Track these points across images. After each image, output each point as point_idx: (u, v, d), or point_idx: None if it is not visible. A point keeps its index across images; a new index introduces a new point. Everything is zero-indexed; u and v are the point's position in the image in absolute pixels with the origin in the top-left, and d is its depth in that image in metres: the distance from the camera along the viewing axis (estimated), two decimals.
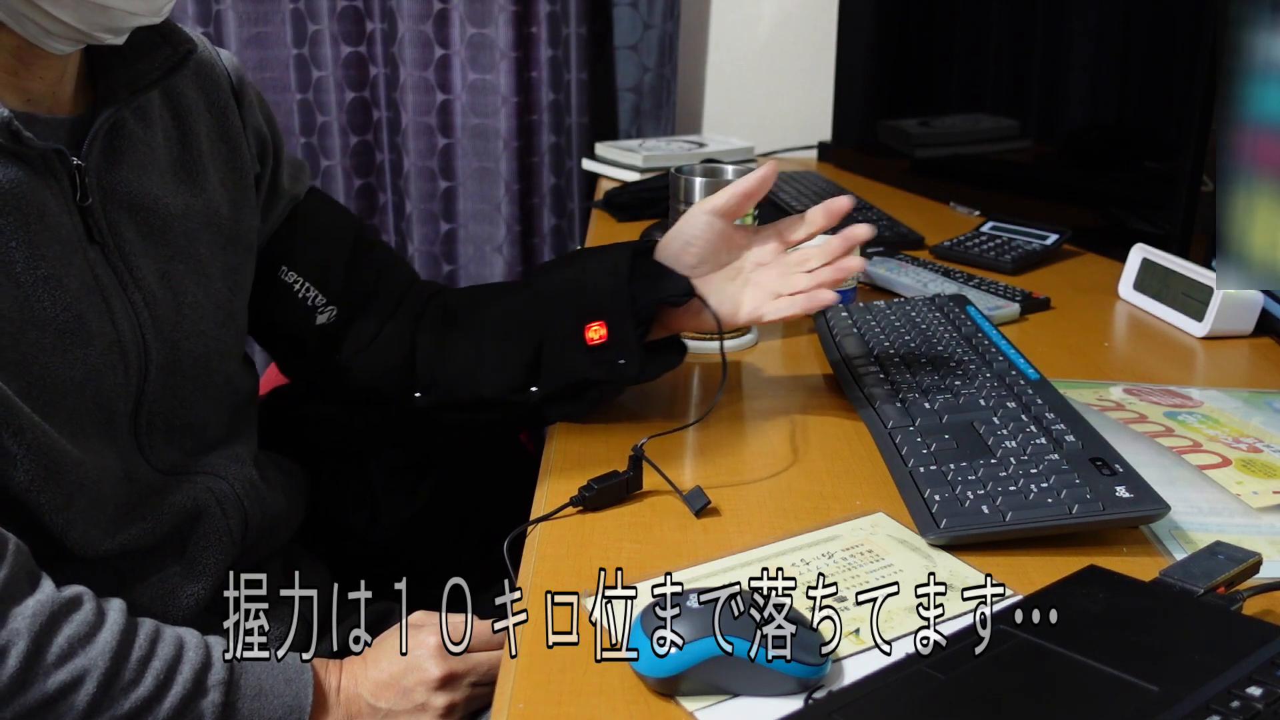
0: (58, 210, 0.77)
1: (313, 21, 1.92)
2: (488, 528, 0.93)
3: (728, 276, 0.98)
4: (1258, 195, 1.12)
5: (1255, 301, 1.21)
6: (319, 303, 1.01)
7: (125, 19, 0.77)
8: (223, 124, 0.94)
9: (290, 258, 1.00)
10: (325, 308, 1.01)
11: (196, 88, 0.92)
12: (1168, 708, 0.52)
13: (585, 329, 0.94)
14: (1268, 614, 0.70)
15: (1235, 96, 1.12)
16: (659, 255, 0.98)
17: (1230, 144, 1.13)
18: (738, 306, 0.97)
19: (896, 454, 0.87)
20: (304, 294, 1.00)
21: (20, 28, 0.74)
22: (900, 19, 1.97)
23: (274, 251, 1.00)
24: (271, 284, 1.00)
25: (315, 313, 1.01)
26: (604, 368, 0.94)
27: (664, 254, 0.97)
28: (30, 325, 0.75)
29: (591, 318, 0.94)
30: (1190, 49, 1.34)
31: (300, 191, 1.03)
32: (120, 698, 0.72)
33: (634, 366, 0.94)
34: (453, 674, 0.84)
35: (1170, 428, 0.95)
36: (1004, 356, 1.02)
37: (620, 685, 0.63)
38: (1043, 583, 0.68)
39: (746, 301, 0.97)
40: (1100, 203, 1.55)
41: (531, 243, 2.07)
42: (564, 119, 2.02)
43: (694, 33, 2.15)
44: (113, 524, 0.81)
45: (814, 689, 0.62)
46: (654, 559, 0.76)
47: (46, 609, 0.71)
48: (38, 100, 0.79)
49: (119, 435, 0.83)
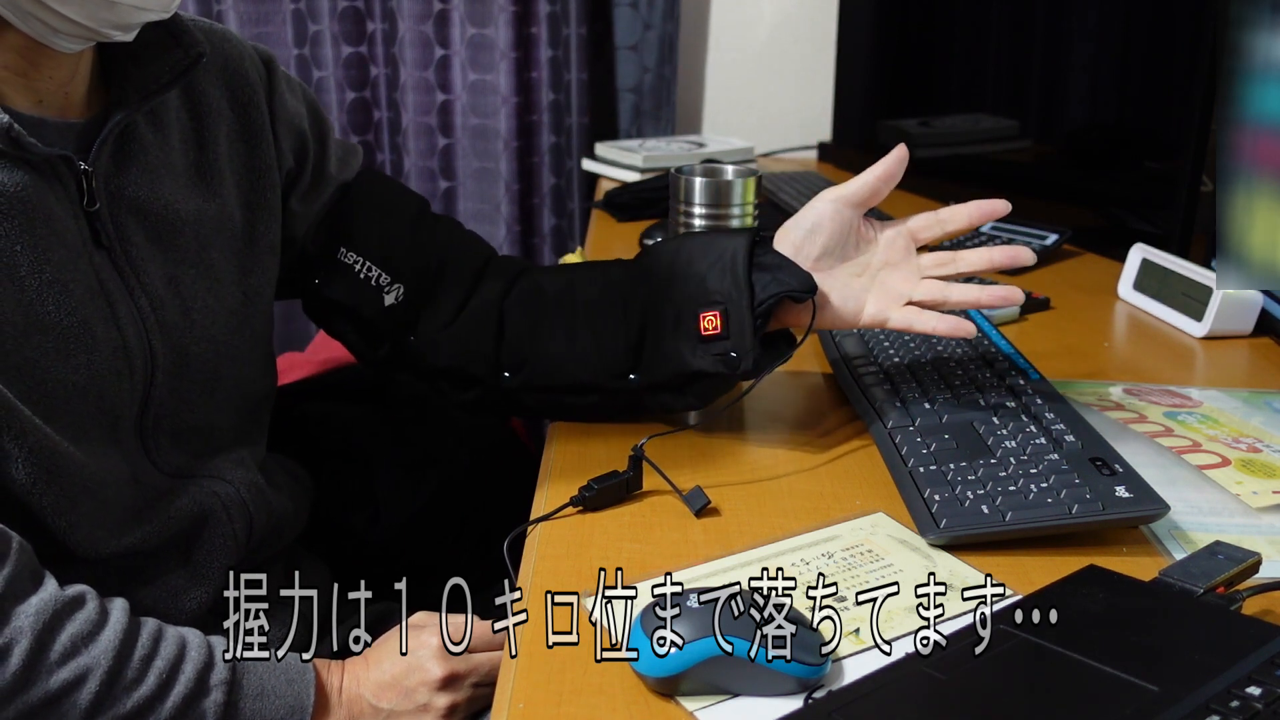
0: (63, 215, 0.77)
1: (313, 22, 1.92)
2: (488, 528, 0.93)
3: (853, 272, 0.91)
4: (1258, 195, 1.12)
5: (1255, 301, 1.21)
6: (384, 282, 0.97)
7: (133, 14, 0.76)
8: (245, 123, 0.92)
9: (348, 238, 0.97)
10: (391, 286, 0.97)
11: (220, 85, 0.91)
12: (1168, 708, 0.52)
13: (700, 318, 0.88)
14: (1268, 614, 0.70)
15: (1235, 96, 1.12)
16: (778, 244, 0.91)
17: (1230, 144, 1.13)
18: (861, 307, 0.91)
19: (896, 454, 0.87)
20: (366, 274, 0.96)
21: (27, 26, 0.73)
22: (900, 19, 1.97)
23: (329, 235, 0.97)
24: (332, 268, 0.97)
25: (381, 293, 0.97)
26: (716, 360, 0.88)
27: (784, 243, 0.91)
28: (34, 329, 0.75)
29: (707, 306, 0.88)
30: (1190, 49, 1.34)
31: (349, 175, 1.01)
32: (123, 696, 0.73)
33: (747, 361, 0.88)
34: (454, 674, 0.84)
35: (1170, 428, 0.95)
36: (1004, 356, 1.02)
37: (620, 685, 0.63)
38: (1043, 583, 0.68)
39: (871, 303, 0.91)
40: (1100, 203, 1.55)
41: (531, 243, 2.07)
42: (564, 119, 2.02)
43: (694, 33, 2.15)
44: (118, 526, 0.81)
45: (814, 689, 0.62)
46: (654, 559, 0.76)
47: (50, 607, 0.71)
48: (49, 102, 0.79)
49: (124, 439, 0.83)
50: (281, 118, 0.95)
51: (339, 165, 1.00)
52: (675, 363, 0.90)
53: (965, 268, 0.91)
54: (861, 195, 0.90)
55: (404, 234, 0.99)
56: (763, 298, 0.87)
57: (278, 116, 0.95)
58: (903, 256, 0.92)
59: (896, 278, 0.91)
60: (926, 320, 0.89)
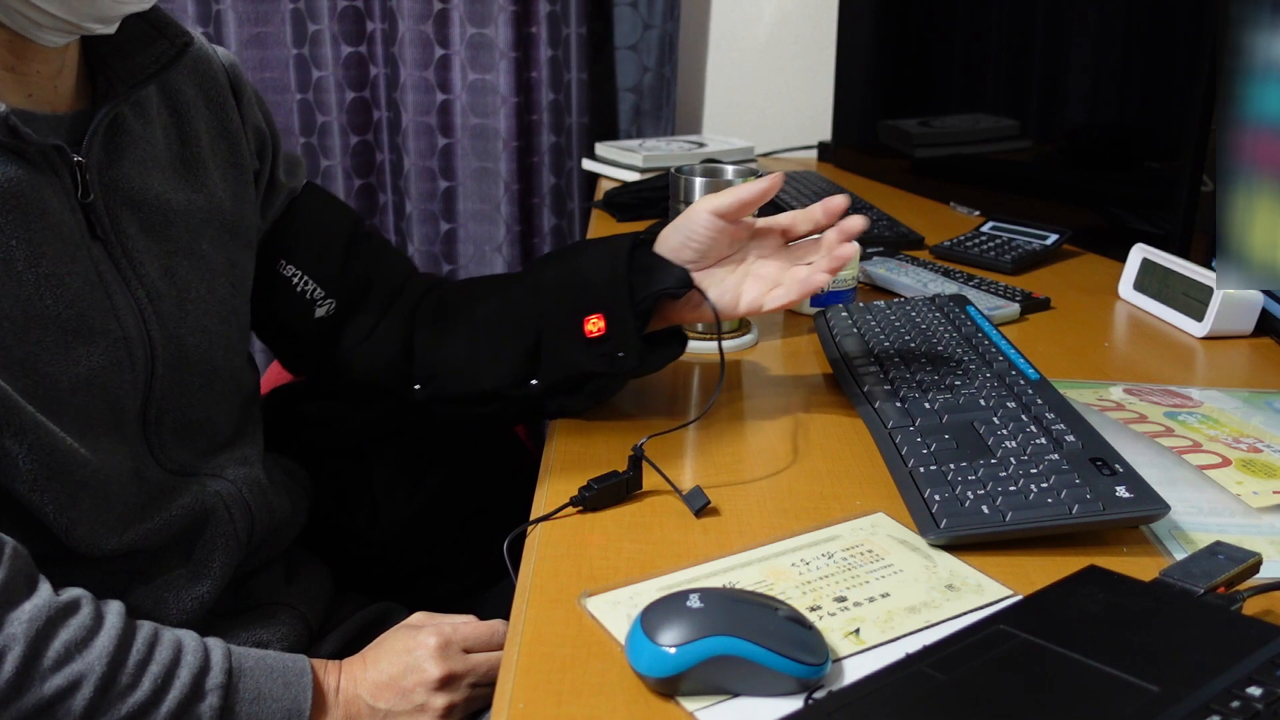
0: (59, 207, 0.77)
1: (313, 21, 1.92)
2: (488, 528, 0.93)
3: (728, 269, 0.97)
4: (1258, 195, 1.12)
5: (1255, 301, 1.21)
6: (317, 295, 1.01)
7: (114, 7, 0.77)
8: (222, 120, 0.94)
9: (289, 251, 1.01)
10: (324, 300, 1.01)
11: (194, 84, 0.92)
12: (1168, 708, 0.52)
13: (584, 321, 0.93)
14: (1268, 614, 0.70)
15: (1235, 96, 1.12)
16: (659, 247, 0.97)
17: (1230, 144, 1.13)
18: (737, 298, 0.96)
19: (896, 454, 0.87)
20: (302, 287, 1.00)
21: (9, 20, 0.74)
22: (900, 19, 1.97)
23: (273, 246, 1.00)
24: (271, 278, 1.00)
25: (314, 305, 1.01)
26: (603, 360, 0.94)
27: (663, 247, 0.97)
28: (33, 323, 0.75)
29: (590, 310, 0.93)
30: (1190, 49, 1.34)
31: (297, 186, 1.04)
32: (117, 702, 0.72)
33: (633, 359, 0.94)
34: (452, 674, 0.84)
35: (1170, 428, 0.95)
36: (1004, 356, 1.02)
37: (620, 685, 0.63)
38: (1043, 583, 0.68)
39: (746, 292, 0.96)
40: (1100, 203, 1.55)
41: (531, 243, 2.07)
42: (564, 119, 2.02)
43: (694, 33, 2.15)
44: (120, 523, 0.81)
45: (814, 689, 0.62)
46: (654, 559, 0.76)
47: (44, 613, 0.71)
48: (38, 96, 0.79)
49: (128, 433, 0.83)
50: (249, 120, 0.97)
51: (288, 174, 1.03)
52: (568, 366, 0.95)
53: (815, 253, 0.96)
54: (729, 210, 0.94)
55: (339, 251, 1.03)
56: (641, 297, 0.93)
57: (246, 118, 0.97)
58: (774, 251, 0.98)
59: (770, 268, 0.97)
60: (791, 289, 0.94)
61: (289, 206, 1.02)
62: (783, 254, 0.97)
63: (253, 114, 0.98)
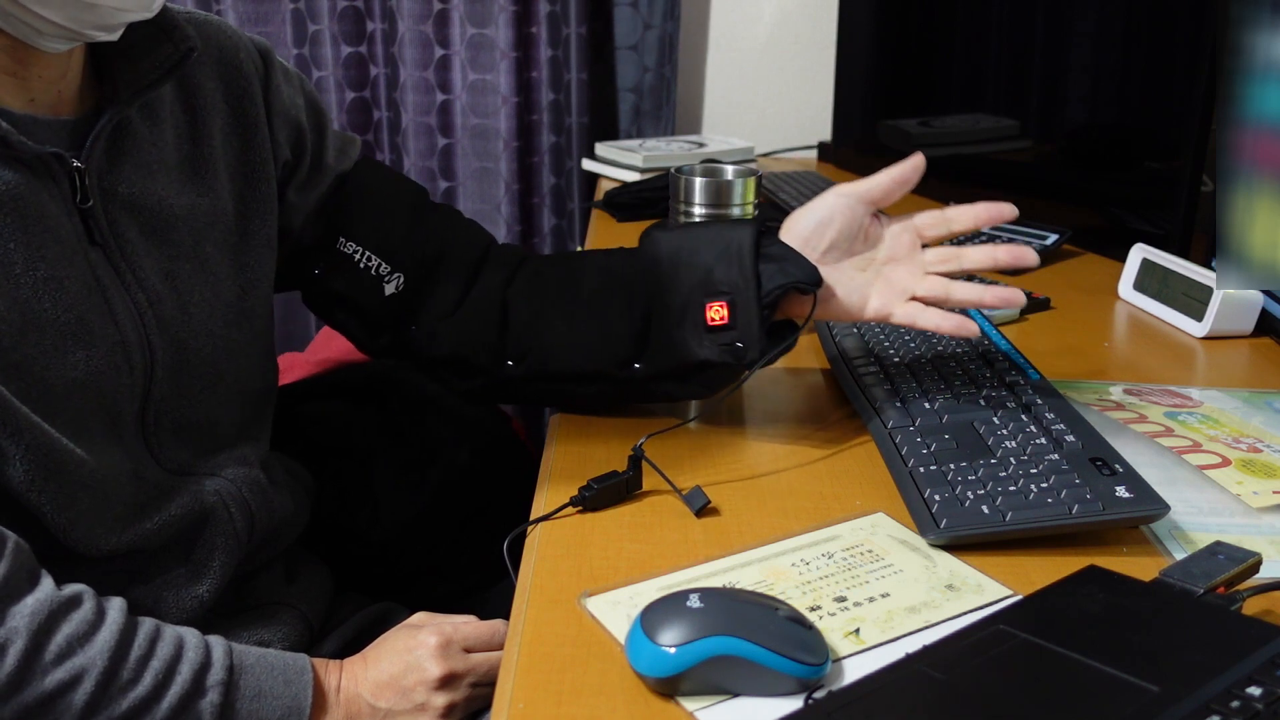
0: (57, 212, 0.77)
1: (313, 21, 1.92)
2: (488, 528, 0.93)
3: (857, 266, 0.92)
4: (1258, 195, 1.12)
5: (1255, 301, 1.21)
6: (383, 271, 0.97)
7: (114, 15, 0.76)
8: (239, 116, 0.92)
9: (347, 228, 0.97)
10: (391, 276, 0.97)
11: (216, 78, 0.91)
12: (1168, 708, 0.52)
13: (706, 308, 0.88)
14: (1268, 614, 0.70)
15: (1235, 96, 1.12)
16: (784, 235, 0.91)
17: (1230, 144, 1.13)
18: (865, 301, 0.91)
19: (896, 454, 0.87)
20: (365, 263, 0.97)
21: (10, 27, 0.74)
22: (900, 19, 1.97)
23: (328, 225, 0.98)
24: (332, 260, 0.97)
25: (381, 282, 0.97)
26: (723, 350, 0.89)
27: (791, 235, 0.91)
28: (30, 327, 0.75)
29: (713, 296, 0.88)
30: (1190, 49, 1.34)
31: (347, 165, 1.00)
32: (118, 697, 0.72)
33: (754, 351, 0.88)
34: (452, 674, 0.84)
35: (1170, 428, 0.95)
36: (1004, 356, 1.02)
37: (620, 685, 0.63)
38: (1043, 583, 0.68)
39: (875, 297, 0.91)
40: (1100, 203, 1.55)
41: (531, 243, 2.07)
42: (564, 119, 2.02)
43: (694, 33, 2.15)
44: (118, 523, 0.81)
45: (814, 689, 0.62)
46: (654, 559, 0.76)
47: (46, 607, 0.71)
48: (41, 100, 0.79)
49: (126, 435, 0.83)
50: (277, 109, 0.95)
51: (337, 155, 1.00)
52: (681, 352, 0.90)
53: (969, 265, 0.91)
54: (874, 194, 0.90)
55: (403, 223, 0.99)
56: (769, 289, 0.87)
57: (273, 108, 0.94)
58: (907, 252, 0.92)
59: (901, 273, 0.91)
60: (930, 317, 0.90)
61: (340, 185, 0.99)
62: (915, 258, 0.91)
63: (284, 101, 0.95)
